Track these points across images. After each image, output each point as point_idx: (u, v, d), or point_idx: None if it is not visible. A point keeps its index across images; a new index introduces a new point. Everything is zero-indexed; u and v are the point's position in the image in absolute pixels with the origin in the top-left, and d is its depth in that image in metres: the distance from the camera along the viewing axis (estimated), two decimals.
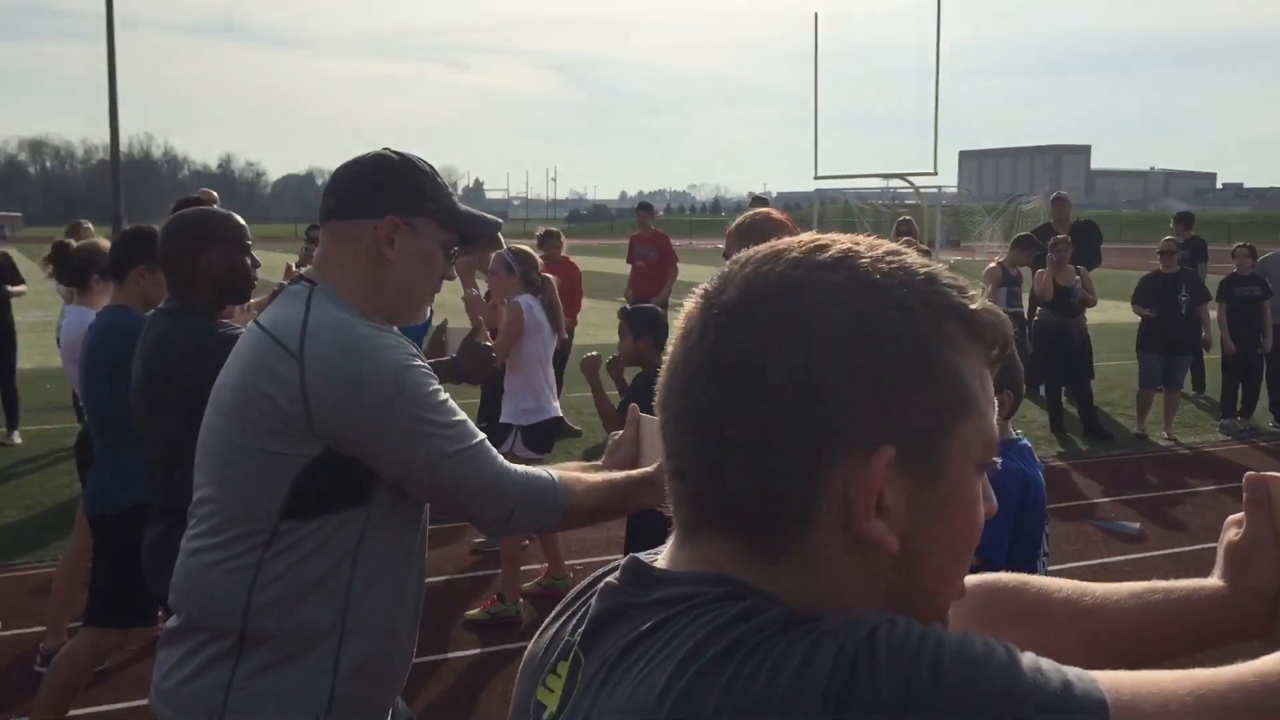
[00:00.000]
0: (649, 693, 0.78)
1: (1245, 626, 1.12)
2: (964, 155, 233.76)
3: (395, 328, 2.08)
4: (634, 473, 2.08)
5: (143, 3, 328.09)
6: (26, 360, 8.69)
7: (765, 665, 0.76)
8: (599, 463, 2.16)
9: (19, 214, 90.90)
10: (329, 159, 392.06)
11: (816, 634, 0.77)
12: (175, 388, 2.83)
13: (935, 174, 43.21)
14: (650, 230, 12.22)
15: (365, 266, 2.01)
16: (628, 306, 5.78)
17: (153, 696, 2.05)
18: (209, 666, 1.94)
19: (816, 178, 46.68)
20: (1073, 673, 0.78)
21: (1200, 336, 10.31)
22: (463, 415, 1.99)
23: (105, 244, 4.90)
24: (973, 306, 0.86)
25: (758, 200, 13.48)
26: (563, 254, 9.78)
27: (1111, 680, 0.79)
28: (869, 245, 0.87)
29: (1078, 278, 10.09)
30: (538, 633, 0.96)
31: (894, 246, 0.88)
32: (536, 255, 6.05)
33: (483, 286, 6.30)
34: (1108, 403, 11.36)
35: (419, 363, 1.95)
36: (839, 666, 0.75)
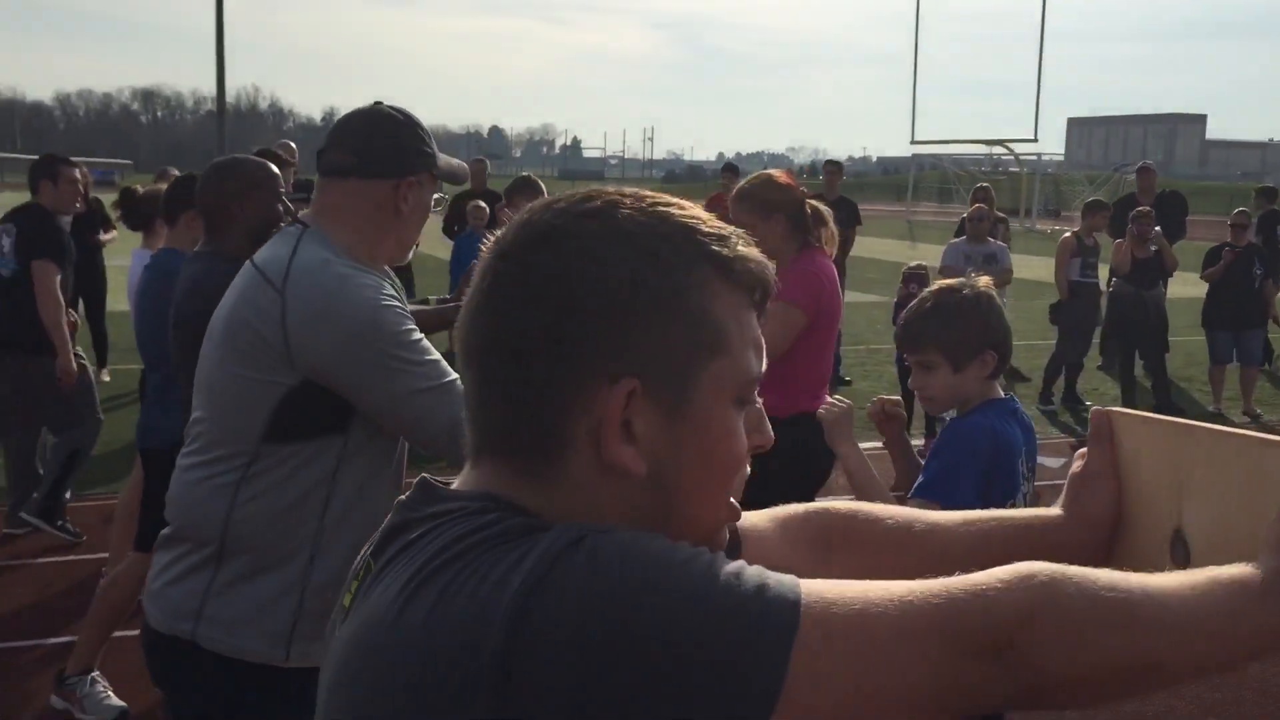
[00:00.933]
0: (384, 598, 0.86)
1: (1079, 554, 1.14)
2: (1073, 122, 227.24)
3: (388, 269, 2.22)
4: None
5: None
6: (116, 303, 9.09)
7: (478, 572, 0.83)
8: None
9: (130, 162, 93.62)
10: (428, 114, 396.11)
11: (534, 541, 0.84)
12: (203, 328, 3.00)
13: (1036, 140, 42.24)
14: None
15: (378, 221, 2.16)
16: None
17: (144, 596, 2.23)
18: (191, 573, 2.10)
19: (913, 142, 45.93)
20: (775, 578, 0.85)
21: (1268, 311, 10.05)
22: (436, 355, 2.08)
23: None
24: (728, 254, 0.93)
25: (729, 168, 13.32)
26: None
27: (814, 585, 0.86)
28: (635, 198, 0.95)
29: (1154, 248, 9.86)
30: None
31: (661, 199, 0.95)
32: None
33: None
34: (1186, 378, 11.12)
35: (394, 303, 2.07)
36: (537, 566, 0.82)
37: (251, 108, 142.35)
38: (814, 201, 3.89)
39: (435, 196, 2.26)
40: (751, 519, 1.23)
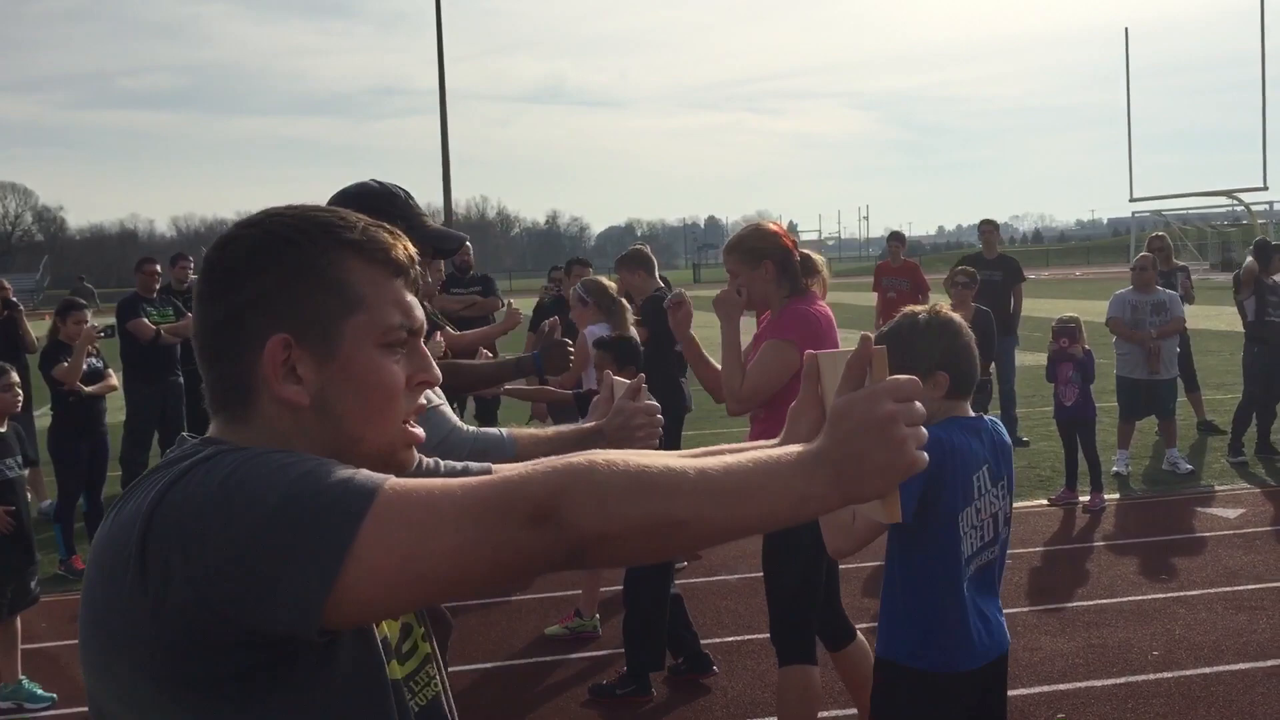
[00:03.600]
0: (104, 523, 1.15)
1: None
2: None
3: None
4: (584, 426, 2.36)
5: (477, 78, 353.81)
6: None
7: (153, 483, 1.10)
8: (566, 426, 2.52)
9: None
10: (647, 211, 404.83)
11: (198, 459, 1.10)
12: None
13: (1265, 189, 40.02)
14: (900, 260, 12.42)
15: None
16: (606, 337, 5.76)
17: None
18: None
19: (1132, 200, 44.31)
20: (367, 474, 1.08)
21: None
22: None
23: None
24: (360, 238, 1.23)
25: (895, 237, 12.99)
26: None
27: (402, 479, 1.09)
28: (293, 209, 1.25)
29: None
30: None
31: (318, 208, 1.26)
32: (611, 284, 6.33)
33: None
34: None
35: None
36: (177, 473, 1.09)
37: (480, 216, 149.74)
38: (805, 251, 3.99)
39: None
40: (535, 462, 1.47)
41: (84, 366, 7.26)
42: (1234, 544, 7.08)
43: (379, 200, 2.48)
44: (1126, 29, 42.62)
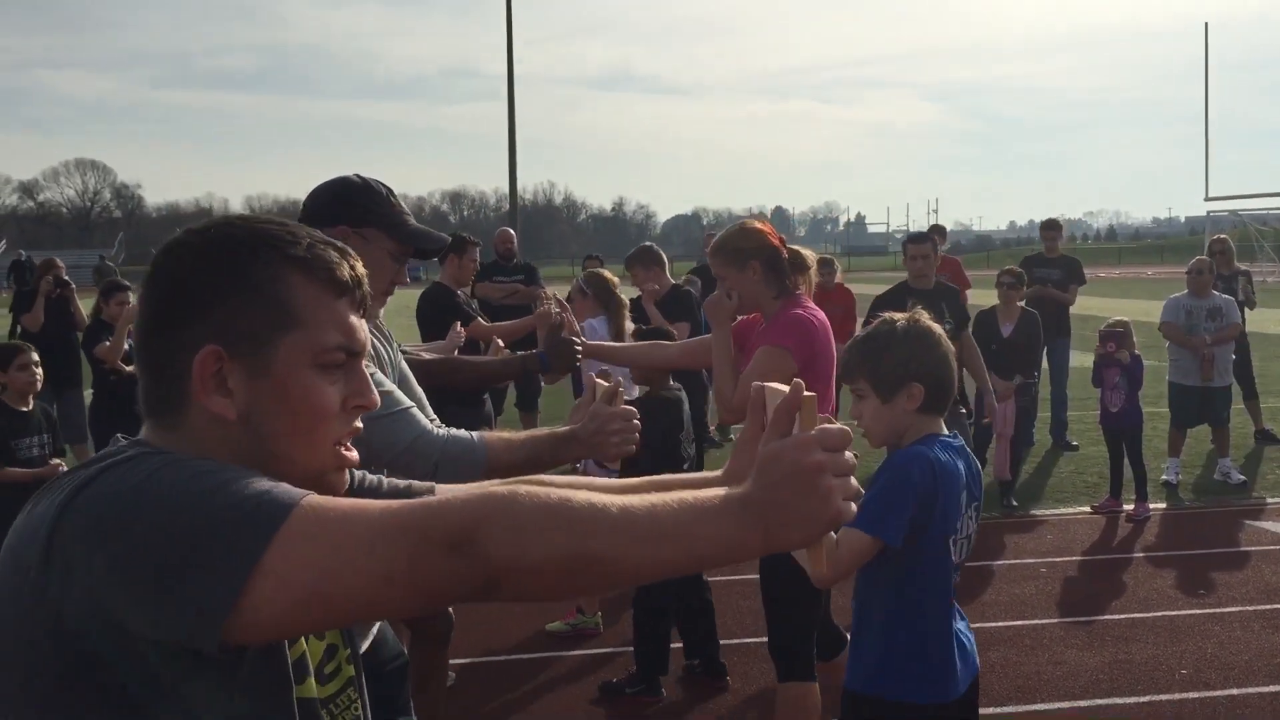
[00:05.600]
0: (21, 515, 1.13)
1: None
2: None
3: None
4: (558, 429, 2.34)
5: (547, 61, 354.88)
6: None
7: (71, 480, 1.08)
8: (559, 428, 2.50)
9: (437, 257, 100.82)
10: (714, 199, 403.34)
11: (120, 459, 1.09)
12: None
13: None
14: (940, 257, 12.08)
15: None
16: (643, 327, 5.85)
17: None
18: None
19: (1207, 199, 43.25)
20: (285, 489, 1.05)
21: None
22: (390, 386, 2.36)
23: None
24: (305, 255, 1.20)
25: (935, 230, 12.56)
26: (837, 280, 10.15)
27: (321, 497, 1.07)
28: (243, 219, 1.24)
29: None
30: None
31: (268, 219, 1.23)
32: (614, 279, 6.28)
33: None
34: None
35: None
36: (91, 473, 1.07)
37: (547, 202, 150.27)
38: (794, 248, 3.84)
39: None
40: (450, 489, 1.49)
41: (125, 346, 7.37)
42: (1278, 560, 6.86)
43: (359, 194, 2.44)
44: (1206, 24, 41.50)
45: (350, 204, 2.42)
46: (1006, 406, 8.06)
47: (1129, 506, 7.90)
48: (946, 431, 2.71)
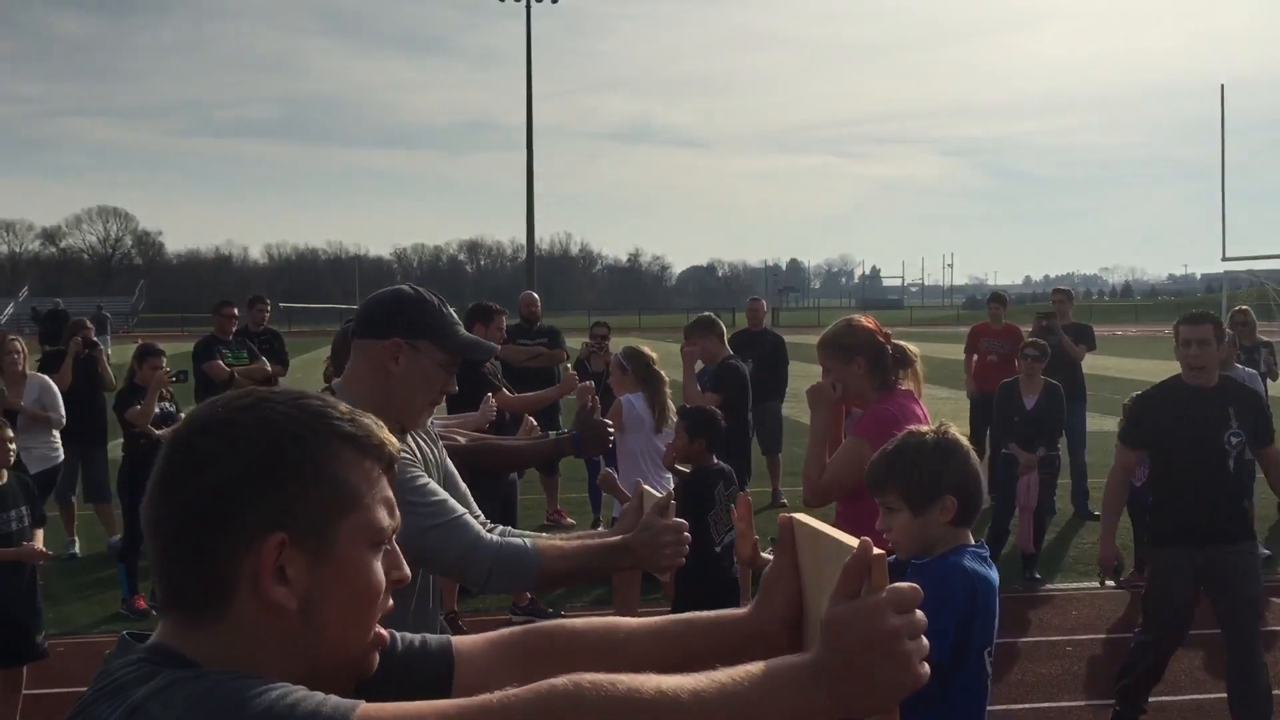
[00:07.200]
0: None
1: (768, 647, 1.28)
2: None
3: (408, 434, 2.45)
4: (610, 539, 2.35)
5: (565, 115, 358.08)
6: None
7: (91, 717, 1.01)
8: (602, 530, 2.55)
9: (456, 307, 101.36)
10: (728, 251, 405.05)
11: (136, 691, 1.00)
12: None
13: None
14: (1002, 323, 11.39)
15: (376, 378, 2.41)
16: (686, 406, 5.88)
17: None
18: None
19: (1225, 259, 43.19)
20: (334, 702, 1.00)
21: None
22: (443, 495, 2.37)
23: None
24: (355, 430, 1.15)
25: (995, 298, 12.04)
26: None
27: (373, 705, 1.01)
28: (283, 393, 1.17)
29: None
30: None
31: (308, 394, 1.17)
32: (651, 354, 6.45)
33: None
34: None
35: (403, 453, 2.26)
36: (126, 714, 0.99)
37: (564, 252, 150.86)
38: (898, 343, 3.96)
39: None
40: (467, 642, 1.45)
41: (156, 410, 7.44)
42: None
43: (412, 308, 2.48)
44: (1222, 85, 41.69)
45: (404, 318, 2.46)
46: (1030, 478, 8.05)
47: None
48: (973, 540, 2.72)
